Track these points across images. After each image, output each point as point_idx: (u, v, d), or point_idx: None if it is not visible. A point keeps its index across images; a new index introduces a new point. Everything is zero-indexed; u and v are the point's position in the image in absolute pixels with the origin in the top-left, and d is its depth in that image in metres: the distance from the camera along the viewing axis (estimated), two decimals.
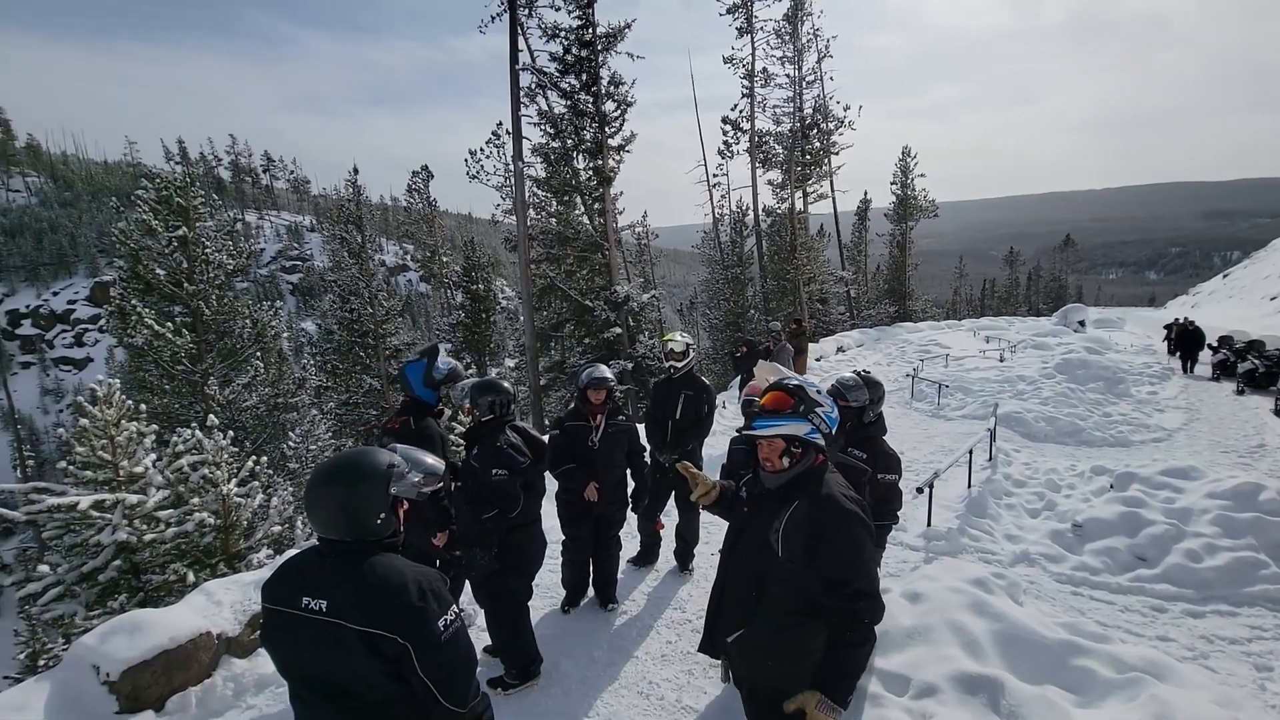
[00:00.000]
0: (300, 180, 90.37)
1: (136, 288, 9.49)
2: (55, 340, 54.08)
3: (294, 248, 69.29)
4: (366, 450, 1.67)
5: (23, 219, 58.43)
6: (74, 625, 4.85)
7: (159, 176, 9.84)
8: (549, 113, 15.25)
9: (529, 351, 15.94)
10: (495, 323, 22.88)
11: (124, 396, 5.14)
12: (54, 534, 4.89)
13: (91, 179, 69.81)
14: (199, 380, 9.47)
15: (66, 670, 3.47)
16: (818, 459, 2.02)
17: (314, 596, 1.55)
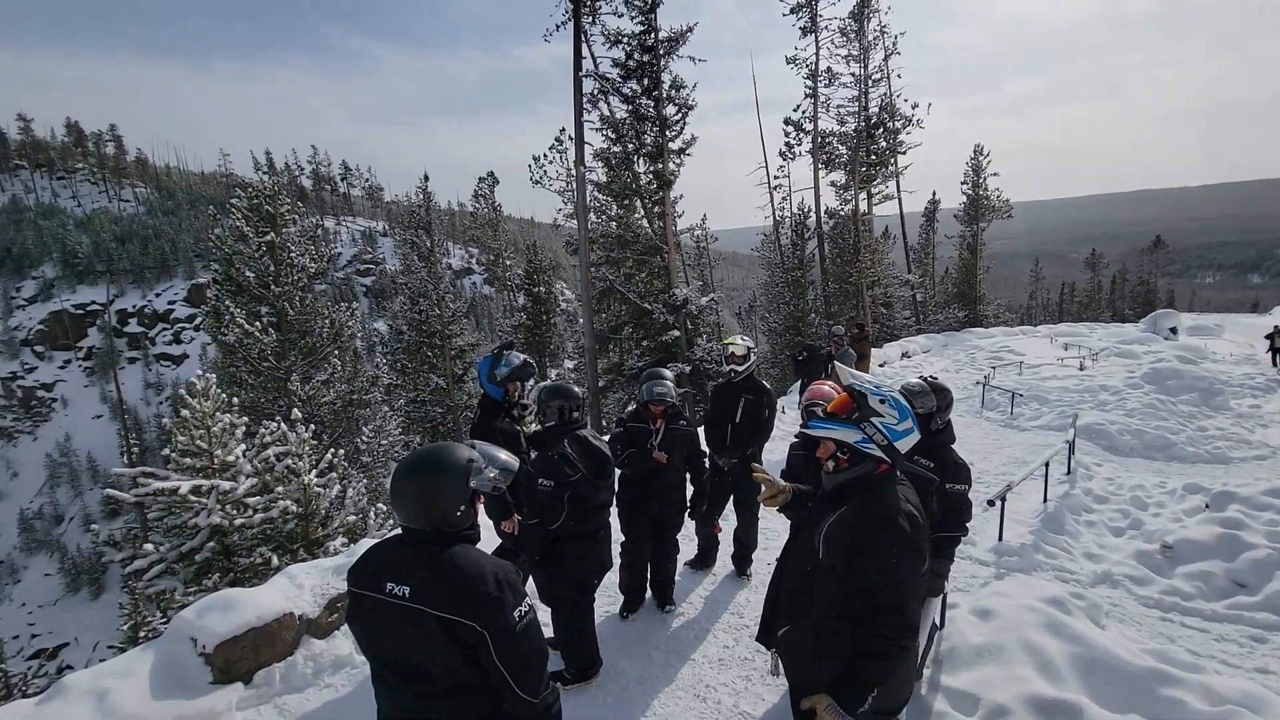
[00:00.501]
0: (374, 187, 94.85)
1: (229, 289, 10.28)
2: (156, 338, 58.71)
3: (368, 252, 72.70)
4: (447, 445, 1.76)
5: (131, 226, 63.82)
6: (173, 601, 5.29)
7: (250, 186, 10.62)
8: (611, 118, 15.45)
9: (588, 353, 16.17)
10: (555, 325, 23.31)
11: (219, 390, 5.59)
12: (157, 515, 5.36)
13: (190, 189, 75.53)
14: (283, 376, 10.14)
15: (168, 641, 3.77)
16: (879, 468, 1.98)
17: (397, 582, 1.64)
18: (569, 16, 14.83)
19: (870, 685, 1.86)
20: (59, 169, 73.16)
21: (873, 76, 23.26)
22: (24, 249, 59.91)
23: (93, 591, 41.05)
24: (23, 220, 62.96)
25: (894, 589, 1.85)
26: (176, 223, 65.21)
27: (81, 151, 76.77)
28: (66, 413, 52.94)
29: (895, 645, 1.86)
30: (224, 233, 10.49)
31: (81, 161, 75.30)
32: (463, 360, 17.44)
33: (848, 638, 1.94)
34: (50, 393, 54.04)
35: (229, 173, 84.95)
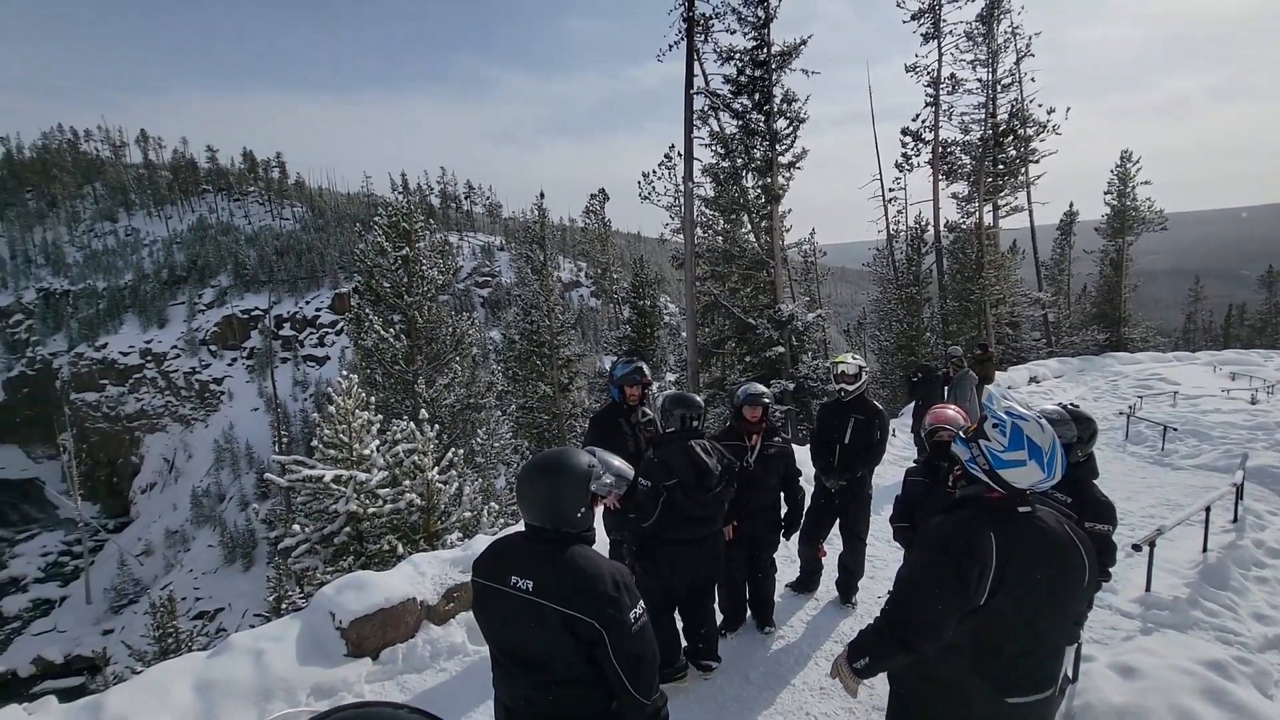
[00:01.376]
0: (494, 205, 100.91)
1: (369, 299, 11.42)
2: (305, 340, 65.68)
3: (486, 265, 77.32)
4: (569, 450, 1.87)
5: (289, 242, 72.14)
6: (314, 578, 5.91)
7: (390, 205, 11.77)
8: (720, 133, 15.54)
9: (690, 367, 16.23)
10: (659, 338, 23.59)
11: (359, 390, 6.22)
12: (304, 500, 6.03)
13: (337, 208, 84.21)
14: (410, 379, 11.07)
15: (311, 614, 4.22)
16: (990, 493, 1.86)
17: (521, 576, 1.75)
18: (682, 36, 15.12)
19: (865, 649, 1.96)
20: (235, 192, 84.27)
21: (1002, 81, 21.73)
22: (205, 261, 69.43)
23: (245, 563, 46.30)
24: (206, 237, 73.09)
25: (905, 584, 1.92)
26: (325, 238, 72.90)
27: (253, 176, 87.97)
28: (231, 404, 60.44)
29: (887, 623, 1.90)
30: (366, 247, 11.68)
31: (253, 185, 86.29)
32: (569, 369, 18.08)
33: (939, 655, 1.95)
34: (220, 386, 61.99)
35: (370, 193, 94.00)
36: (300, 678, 3.82)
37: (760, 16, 14.74)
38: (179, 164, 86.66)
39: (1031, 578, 1.76)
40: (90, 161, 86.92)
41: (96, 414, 60.06)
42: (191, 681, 3.69)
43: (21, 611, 45.44)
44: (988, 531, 1.76)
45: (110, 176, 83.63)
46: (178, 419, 60.62)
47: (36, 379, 62.66)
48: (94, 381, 61.08)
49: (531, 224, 20.14)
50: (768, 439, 4.02)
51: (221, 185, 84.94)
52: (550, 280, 18.01)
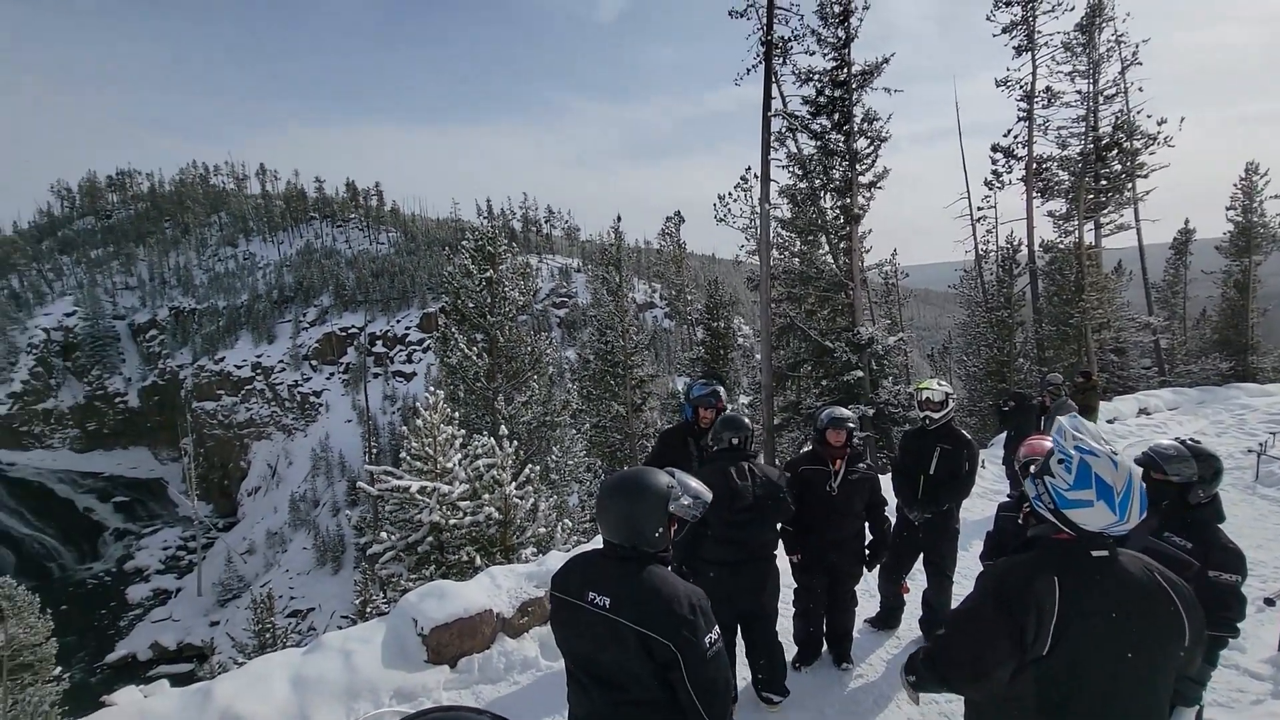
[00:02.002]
0: (572, 228, 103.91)
1: (455, 318, 12.03)
2: (394, 357, 69.61)
3: (563, 286, 79.46)
4: (649, 470, 1.89)
5: (383, 265, 77.11)
6: (398, 584, 6.21)
7: (476, 230, 12.39)
8: (798, 154, 15.39)
9: (765, 390, 15.97)
10: (733, 360, 23.37)
11: (445, 405, 6.56)
12: (392, 509, 6.37)
13: (427, 233, 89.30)
14: (490, 396, 11.52)
15: (395, 619, 4.43)
16: (1057, 534, 1.69)
17: (599, 593, 1.78)
18: (760, 59, 15.15)
19: (912, 668, 1.91)
20: (338, 219, 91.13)
21: (1105, 92, 20.37)
22: (310, 282, 75.25)
23: (335, 566, 49.02)
24: (311, 260, 79.31)
25: (952, 619, 1.82)
26: (416, 261, 77.40)
27: (354, 204, 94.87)
28: (328, 416, 64.73)
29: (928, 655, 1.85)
30: (454, 269, 12.34)
31: (354, 212, 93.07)
32: (642, 390, 18.22)
33: None
34: (318, 399, 66.60)
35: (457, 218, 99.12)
36: (384, 680, 4.01)
37: (840, 37, 14.59)
38: (291, 194, 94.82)
39: (1105, 630, 1.59)
40: (217, 193, 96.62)
41: (213, 421, 65.89)
42: (288, 675, 3.95)
43: (143, 600, 49.98)
44: (1051, 576, 1.61)
45: (233, 206, 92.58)
46: (281, 428, 65.55)
47: (165, 388, 69.60)
48: (212, 392, 67.13)
49: (608, 246, 20.59)
50: (852, 465, 3.89)
51: (326, 213, 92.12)
52: (625, 301, 18.28)
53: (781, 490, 3.50)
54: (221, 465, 65.22)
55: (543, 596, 4.49)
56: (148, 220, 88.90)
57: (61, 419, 65.74)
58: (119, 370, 71.14)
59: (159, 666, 40.42)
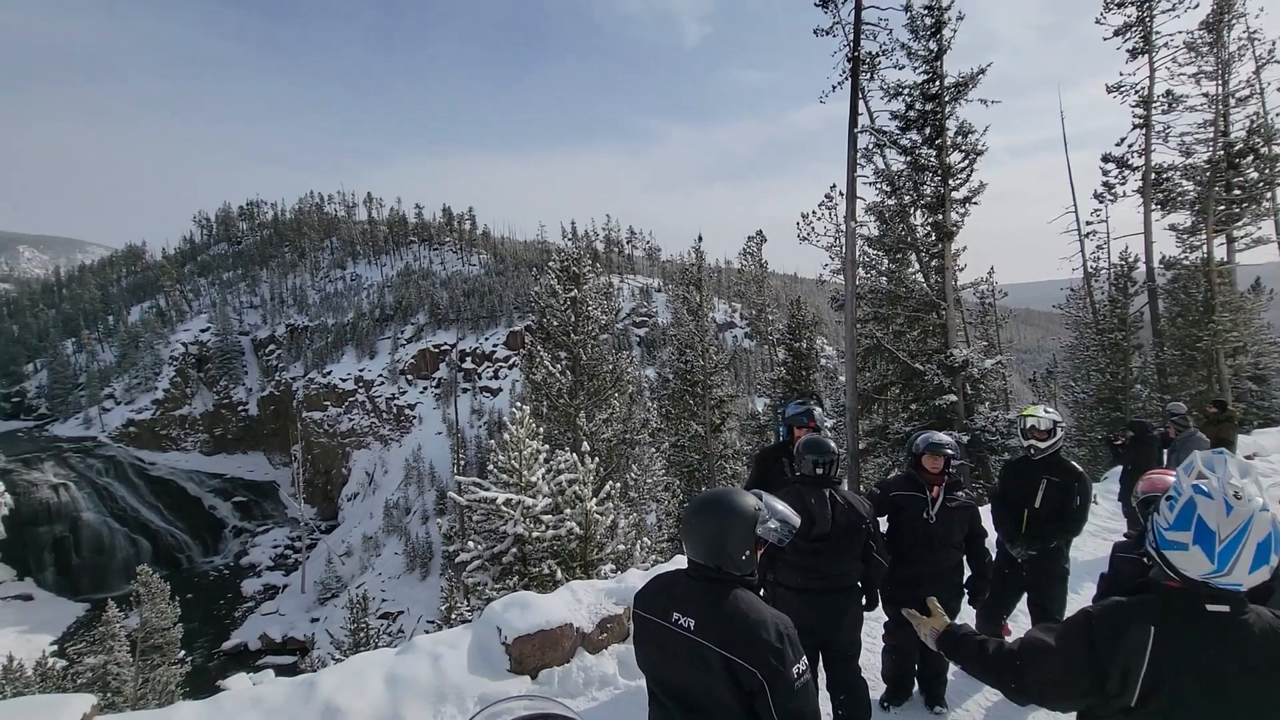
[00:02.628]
0: (653, 248, 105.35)
1: (541, 336, 12.49)
2: (482, 373, 72.70)
3: (643, 306, 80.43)
4: (736, 491, 1.87)
5: (474, 285, 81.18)
6: (483, 593, 6.45)
7: (562, 251, 12.88)
8: (886, 171, 14.94)
9: (849, 413, 15.42)
10: (815, 381, 22.76)
11: (531, 420, 6.81)
12: (479, 519, 6.64)
13: (515, 255, 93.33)
14: (572, 412, 11.82)
15: (481, 626, 4.59)
16: (1168, 581, 1.52)
17: (683, 614, 1.76)
18: (846, 76, 14.91)
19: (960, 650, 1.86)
20: (435, 242, 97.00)
21: (1236, 94, 18.47)
22: (409, 302, 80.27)
23: (422, 572, 51.28)
24: (409, 281, 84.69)
25: (1033, 637, 1.66)
26: (504, 282, 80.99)
27: (449, 228, 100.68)
28: (420, 428, 68.36)
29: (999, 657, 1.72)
30: (540, 289, 12.84)
31: (448, 236, 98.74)
32: (721, 410, 18.06)
33: None
34: (412, 411, 70.54)
35: (543, 240, 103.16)
36: (469, 686, 4.15)
37: (932, 50, 14.11)
38: (393, 220, 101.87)
39: (1209, 697, 1.41)
40: (330, 220, 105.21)
41: (320, 430, 71.10)
42: (383, 674, 4.17)
43: (255, 594, 54.25)
44: (1148, 625, 1.45)
45: (343, 232, 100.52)
46: (379, 438, 69.80)
47: (280, 398, 75.98)
48: (319, 402, 72.55)
49: (688, 266, 20.68)
50: (950, 492, 3.68)
51: (424, 236, 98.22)
52: (705, 321, 18.27)
53: (865, 521, 3.35)
54: (325, 471, 70.17)
55: (621, 614, 4.52)
56: (271, 245, 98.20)
57: (194, 424, 73.10)
58: (242, 381, 78.50)
59: (265, 657, 43.67)
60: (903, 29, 14.46)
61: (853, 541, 3.32)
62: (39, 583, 48.91)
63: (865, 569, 3.42)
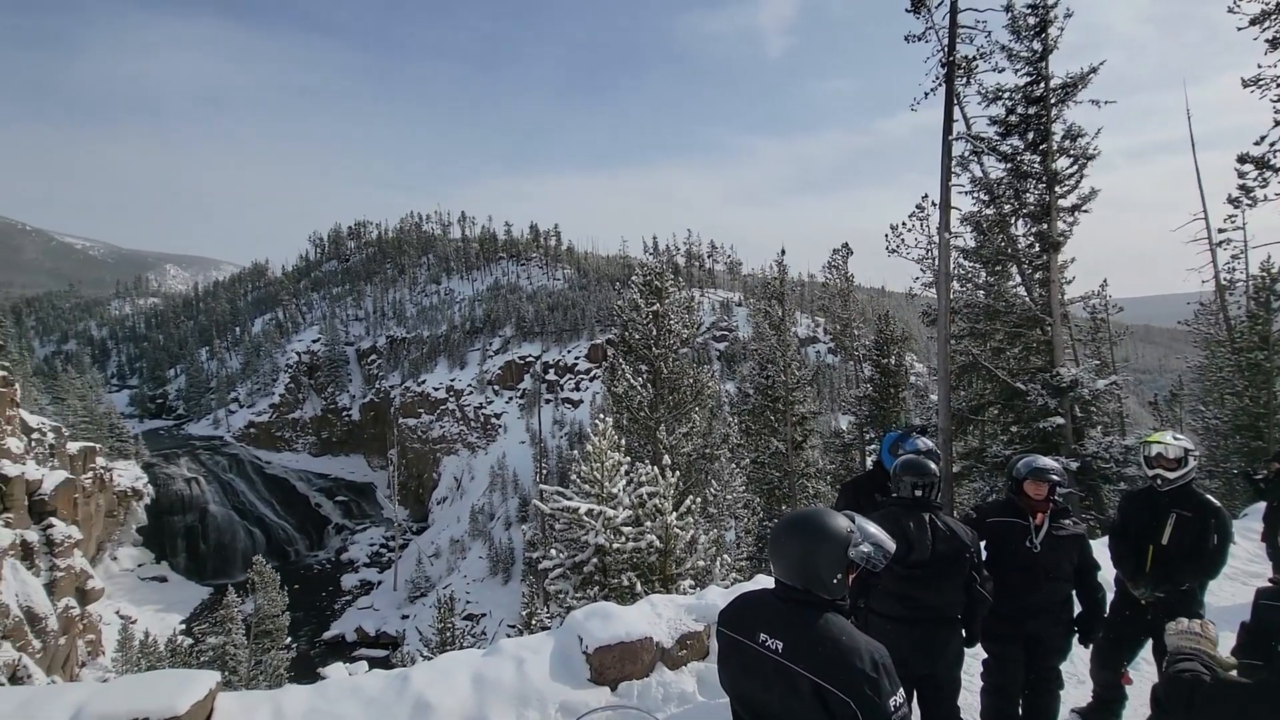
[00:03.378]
0: (734, 262, 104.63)
1: (622, 349, 12.71)
2: (564, 385, 74.50)
3: (724, 320, 79.89)
4: (827, 512, 1.81)
5: (558, 299, 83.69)
6: (563, 601, 6.59)
7: (645, 266, 13.09)
8: (984, 179, 14.17)
9: (941, 433, 14.61)
10: (904, 399, 21.76)
11: (613, 433, 6.94)
12: (562, 528, 6.81)
13: (598, 270, 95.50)
14: (653, 425, 11.91)
15: (563, 634, 4.69)
16: None
17: (771, 635, 1.72)
18: (940, 82, 14.29)
19: None
20: (522, 258, 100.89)
21: None
22: (497, 315, 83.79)
23: (504, 577, 52.84)
24: (498, 295, 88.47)
25: None
26: (586, 296, 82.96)
27: (536, 244, 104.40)
28: (505, 436, 70.85)
29: None
30: (623, 303, 13.08)
31: (535, 252, 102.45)
32: (803, 427, 17.60)
33: None
34: (498, 421, 73.27)
35: (625, 255, 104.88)
36: (551, 692, 4.24)
37: (1036, 50, 13.30)
38: (484, 237, 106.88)
39: None
40: (427, 238, 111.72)
41: (413, 436, 75.20)
42: (470, 673, 4.33)
43: (353, 588, 57.76)
44: None
45: (439, 249, 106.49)
46: (466, 445, 72.91)
47: (379, 405, 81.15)
48: (414, 410, 76.77)
49: (770, 280, 20.40)
50: (1057, 520, 3.42)
51: (512, 252, 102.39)
52: (787, 335, 17.93)
53: (968, 550, 3.15)
54: (418, 475, 74.02)
55: (701, 631, 4.49)
56: (375, 262, 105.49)
57: (304, 427, 79.38)
58: (347, 388, 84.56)
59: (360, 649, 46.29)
60: (1003, 30, 13.71)
61: (953, 571, 3.13)
62: (172, 566, 54.29)
63: (968, 603, 3.20)
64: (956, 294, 15.11)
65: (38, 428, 36.33)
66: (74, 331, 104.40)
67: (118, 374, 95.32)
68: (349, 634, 49.70)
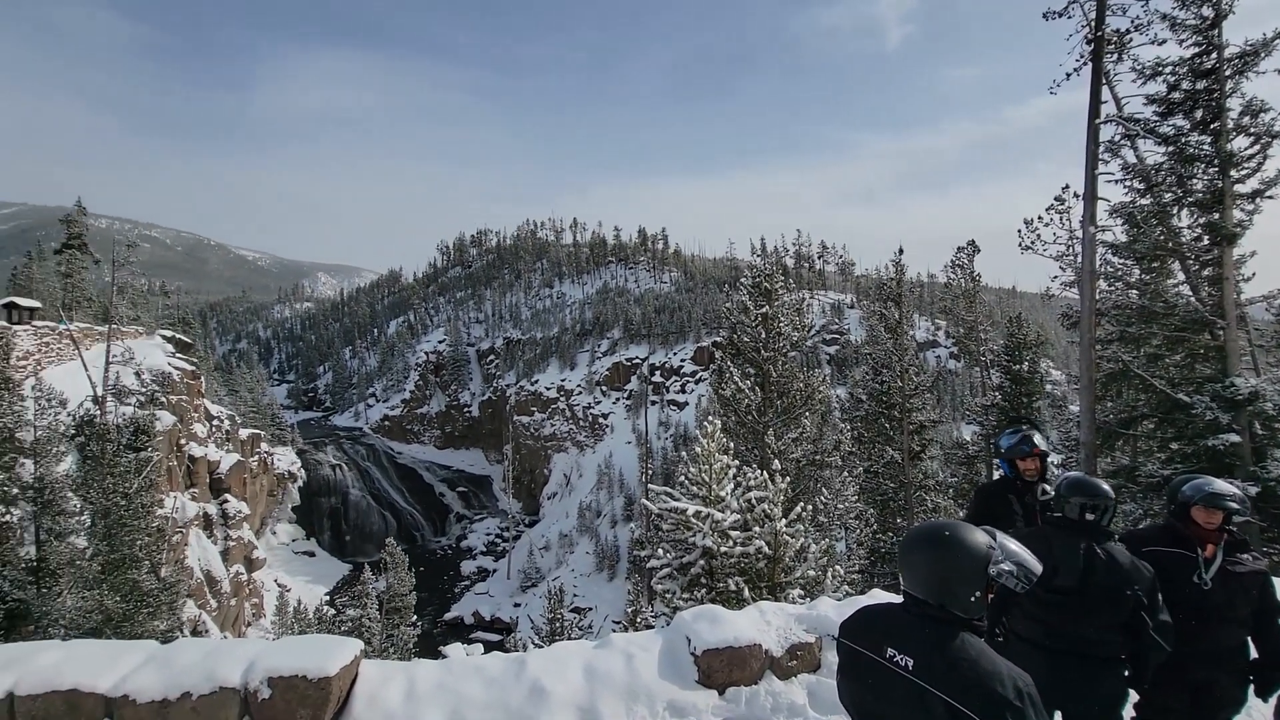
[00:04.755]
0: (846, 263, 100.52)
1: (730, 352, 12.68)
2: (669, 387, 75.08)
3: (834, 323, 77.02)
4: (965, 525, 1.71)
5: (665, 302, 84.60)
6: (670, 601, 6.71)
7: (754, 267, 12.96)
8: (1138, 165, 12.69)
9: (1084, 449, 13.25)
10: (1038, 409, 19.91)
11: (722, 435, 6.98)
12: (669, 528, 6.94)
13: (704, 272, 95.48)
14: (760, 430, 11.77)
15: (671, 633, 4.79)
16: None
17: (899, 651, 1.65)
18: (1085, 60, 13.00)
19: None
20: (630, 261, 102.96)
21: None
22: (605, 318, 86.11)
23: (609, 574, 54.11)
24: (606, 298, 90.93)
25: None
26: (692, 298, 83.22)
27: (644, 248, 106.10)
28: (612, 436, 72.57)
29: None
30: (732, 305, 13.05)
31: (642, 255, 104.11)
32: (921, 436, 16.60)
33: None
34: (605, 421, 75.21)
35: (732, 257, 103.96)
36: (659, 690, 4.34)
37: (1206, 17, 11.72)
38: (594, 242, 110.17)
39: None
40: (541, 244, 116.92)
41: (527, 433, 79.00)
42: (582, 663, 4.54)
43: (470, 574, 61.60)
44: None
45: (552, 254, 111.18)
46: (575, 444, 75.51)
47: (496, 403, 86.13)
48: (527, 408, 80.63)
49: (886, 280, 19.41)
50: (1232, 553, 3.02)
51: (621, 256, 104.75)
52: (904, 339, 17.00)
53: (1134, 587, 2.81)
54: (530, 470, 77.68)
55: (813, 643, 4.42)
56: (494, 268, 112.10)
57: (430, 421, 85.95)
58: (468, 387, 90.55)
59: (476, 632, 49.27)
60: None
61: (1109, 607, 2.82)
62: (319, 543, 60.64)
63: (1135, 646, 2.87)
64: (1103, 294, 13.65)
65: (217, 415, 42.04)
66: (245, 332, 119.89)
67: (278, 370, 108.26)
68: (467, 617, 53.02)
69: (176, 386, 32.26)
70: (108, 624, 11.01)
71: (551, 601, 19.93)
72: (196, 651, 3.93)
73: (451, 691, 4.12)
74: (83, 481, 12.64)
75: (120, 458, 13.17)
